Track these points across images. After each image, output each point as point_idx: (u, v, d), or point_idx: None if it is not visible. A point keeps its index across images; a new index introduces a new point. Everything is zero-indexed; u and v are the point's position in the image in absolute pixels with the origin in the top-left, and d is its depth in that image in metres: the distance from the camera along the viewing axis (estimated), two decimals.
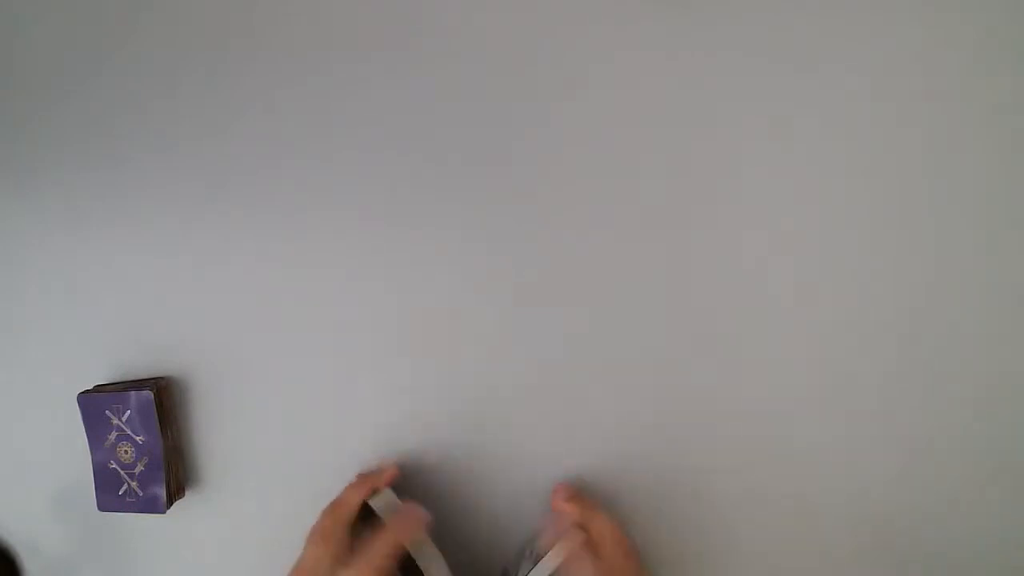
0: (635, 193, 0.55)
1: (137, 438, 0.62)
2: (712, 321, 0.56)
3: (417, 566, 0.51)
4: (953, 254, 0.53)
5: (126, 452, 0.62)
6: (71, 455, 0.65)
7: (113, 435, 0.62)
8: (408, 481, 0.61)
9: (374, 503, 0.54)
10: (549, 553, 0.50)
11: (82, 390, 0.63)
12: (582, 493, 0.56)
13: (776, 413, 0.56)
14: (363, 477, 0.58)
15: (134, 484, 0.62)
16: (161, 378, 0.64)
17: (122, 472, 0.63)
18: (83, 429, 0.62)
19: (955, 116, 0.51)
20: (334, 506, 0.54)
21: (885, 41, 0.51)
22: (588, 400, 0.59)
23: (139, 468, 0.62)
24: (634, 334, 0.57)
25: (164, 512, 0.62)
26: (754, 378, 0.56)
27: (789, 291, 0.55)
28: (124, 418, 0.61)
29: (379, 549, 0.49)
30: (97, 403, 0.62)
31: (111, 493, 0.63)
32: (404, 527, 0.51)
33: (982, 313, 0.53)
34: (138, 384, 0.63)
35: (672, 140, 0.54)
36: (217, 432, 0.64)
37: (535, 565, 0.50)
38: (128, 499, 0.63)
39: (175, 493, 0.63)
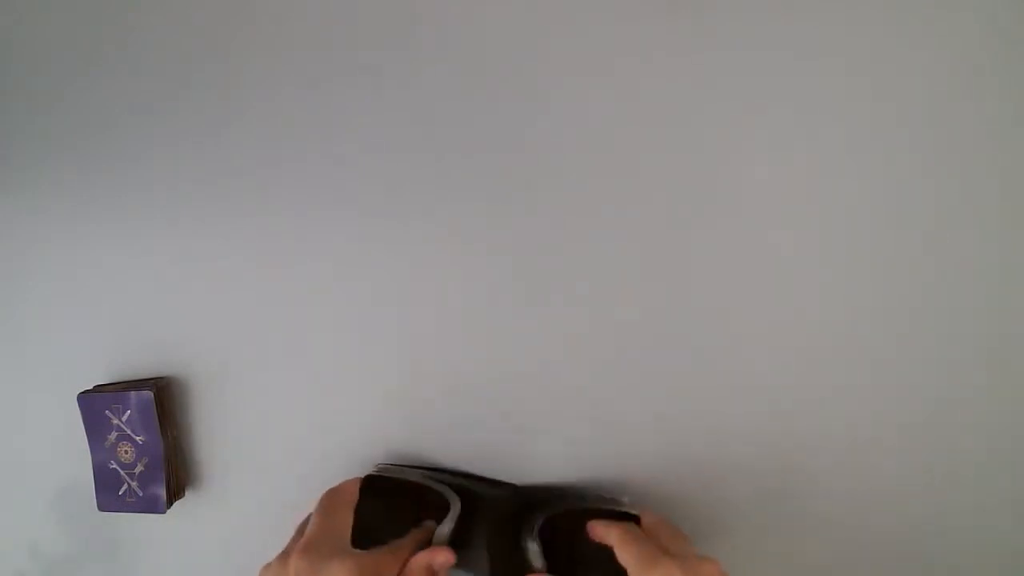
0: (635, 192, 0.55)
1: (137, 438, 0.62)
2: (714, 320, 0.56)
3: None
4: (955, 255, 0.53)
5: (126, 452, 0.62)
6: (71, 455, 0.65)
7: (113, 435, 0.62)
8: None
9: None
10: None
11: (82, 390, 0.63)
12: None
13: (778, 413, 0.56)
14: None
15: (134, 484, 0.62)
16: (161, 378, 0.64)
17: (122, 472, 0.63)
18: (83, 429, 0.62)
19: (957, 115, 0.51)
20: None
21: (887, 41, 0.51)
22: (589, 397, 0.59)
23: (139, 468, 0.62)
24: (635, 333, 0.57)
25: (164, 512, 0.62)
26: (755, 379, 0.56)
27: (789, 292, 0.55)
28: (124, 418, 0.61)
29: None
30: (97, 403, 0.62)
31: (111, 493, 0.63)
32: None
33: (986, 315, 0.53)
34: (138, 384, 0.62)
35: (673, 139, 0.54)
36: (217, 432, 0.64)
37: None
38: (128, 499, 0.63)
39: (175, 493, 0.63)
